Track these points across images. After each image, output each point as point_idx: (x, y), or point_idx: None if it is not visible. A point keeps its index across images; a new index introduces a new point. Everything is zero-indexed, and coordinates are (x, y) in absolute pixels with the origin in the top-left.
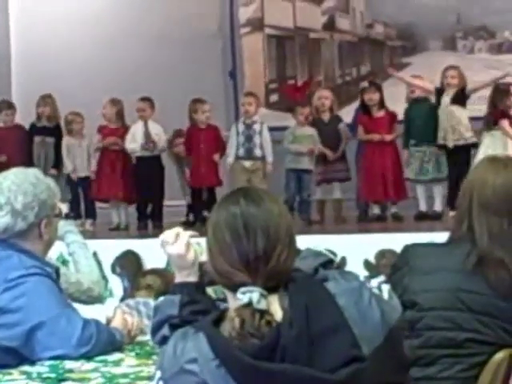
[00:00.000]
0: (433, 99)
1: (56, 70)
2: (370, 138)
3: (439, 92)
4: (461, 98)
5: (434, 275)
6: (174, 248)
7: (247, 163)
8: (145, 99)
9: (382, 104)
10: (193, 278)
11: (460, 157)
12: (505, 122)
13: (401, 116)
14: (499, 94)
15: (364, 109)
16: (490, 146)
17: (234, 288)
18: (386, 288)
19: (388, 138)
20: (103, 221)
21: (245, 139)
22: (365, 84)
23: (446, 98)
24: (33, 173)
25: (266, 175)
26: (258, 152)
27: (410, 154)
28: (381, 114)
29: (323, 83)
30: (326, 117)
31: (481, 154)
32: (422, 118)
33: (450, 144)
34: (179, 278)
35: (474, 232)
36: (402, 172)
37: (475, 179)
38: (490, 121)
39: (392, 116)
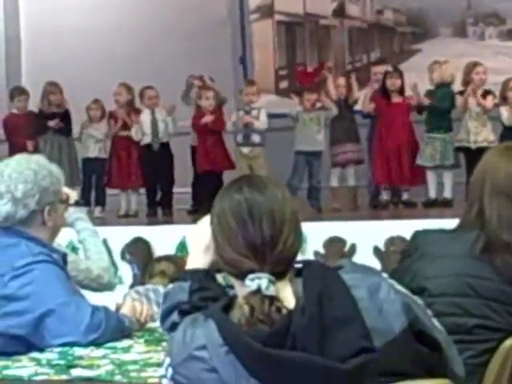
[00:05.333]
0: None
1: (65, 58)
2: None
3: (461, 93)
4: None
5: (442, 261)
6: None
7: (245, 150)
8: (152, 87)
9: (401, 91)
10: (203, 265)
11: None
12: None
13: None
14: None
15: (383, 93)
16: None
17: (241, 276)
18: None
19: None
20: (112, 208)
21: (243, 125)
22: (389, 68)
23: (472, 100)
24: (35, 159)
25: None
26: (255, 138)
27: (425, 140)
28: (399, 99)
29: (333, 70)
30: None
31: None
32: (439, 105)
33: (473, 146)
34: (190, 264)
35: (483, 215)
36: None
37: (488, 165)
38: None
39: (409, 103)
